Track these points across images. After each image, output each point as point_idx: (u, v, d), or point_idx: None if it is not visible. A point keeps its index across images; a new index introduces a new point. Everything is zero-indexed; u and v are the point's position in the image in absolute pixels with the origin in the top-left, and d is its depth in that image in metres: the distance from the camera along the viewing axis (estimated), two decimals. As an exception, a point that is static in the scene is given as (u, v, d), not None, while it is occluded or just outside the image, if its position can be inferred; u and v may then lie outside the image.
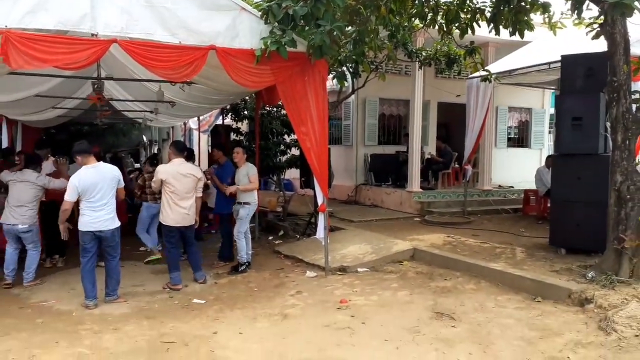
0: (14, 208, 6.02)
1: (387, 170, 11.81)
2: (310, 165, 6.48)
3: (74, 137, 15.57)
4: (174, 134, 18.04)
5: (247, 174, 6.66)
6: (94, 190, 5.14)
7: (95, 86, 7.80)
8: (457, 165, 11.78)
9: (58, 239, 6.93)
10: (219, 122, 13.71)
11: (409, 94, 10.95)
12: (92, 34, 5.07)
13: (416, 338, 4.31)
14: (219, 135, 12.77)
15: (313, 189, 8.97)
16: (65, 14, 4.90)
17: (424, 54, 9.59)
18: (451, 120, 13.60)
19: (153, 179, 6.06)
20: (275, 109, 10.60)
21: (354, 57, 7.55)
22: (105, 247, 5.30)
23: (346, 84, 8.14)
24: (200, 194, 6.13)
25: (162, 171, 5.92)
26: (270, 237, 9.02)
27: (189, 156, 7.10)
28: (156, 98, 8.35)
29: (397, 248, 7.28)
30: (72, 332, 4.47)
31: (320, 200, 6.56)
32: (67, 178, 6.46)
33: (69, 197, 5.14)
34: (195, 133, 15.55)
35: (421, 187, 10.73)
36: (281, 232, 9.32)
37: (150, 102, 10.17)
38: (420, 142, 10.94)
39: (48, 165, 7.51)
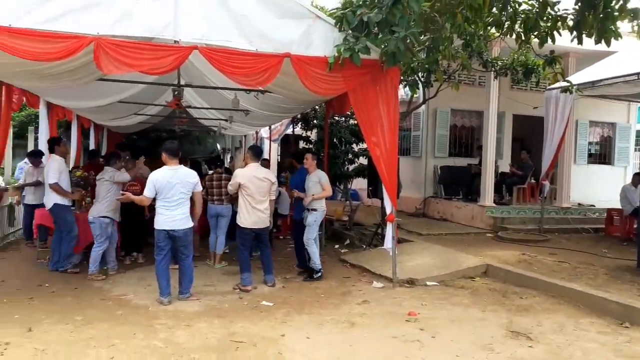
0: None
1: (458, 183, 11.49)
2: (379, 175, 6.41)
3: (153, 143, 16.41)
4: (246, 143, 18.61)
5: (319, 181, 6.68)
6: (169, 190, 5.37)
7: (176, 93, 8.20)
8: (533, 181, 11.24)
9: (136, 239, 7.38)
10: (289, 131, 14.00)
11: (482, 105, 10.64)
12: (175, 41, 5.32)
13: (490, 356, 4.12)
14: (289, 144, 13.01)
15: (381, 198, 8.93)
16: (150, 22, 5.19)
17: (499, 63, 9.28)
18: (527, 134, 13.04)
19: (230, 182, 6.23)
20: (344, 119, 10.64)
21: (426, 65, 7.44)
22: (179, 246, 5.50)
23: (418, 92, 8.02)
24: (274, 197, 6.25)
25: (240, 175, 6.09)
26: (336, 246, 9.01)
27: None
28: (231, 106, 8.64)
29: (469, 263, 7.03)
30: (148, 326, 4.65)
31: (388, 210, 6.46)
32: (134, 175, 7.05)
33: (147, 192, 5.43)
34: (267, 142, 15.92)
35: (494, 202, 10.33)
36: (347, 241, 9.29)
37: (226, 110, 10.55)
38: (495, 155, 10.56)
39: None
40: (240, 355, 4.02)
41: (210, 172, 7.69)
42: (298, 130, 11.79)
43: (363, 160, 10.33)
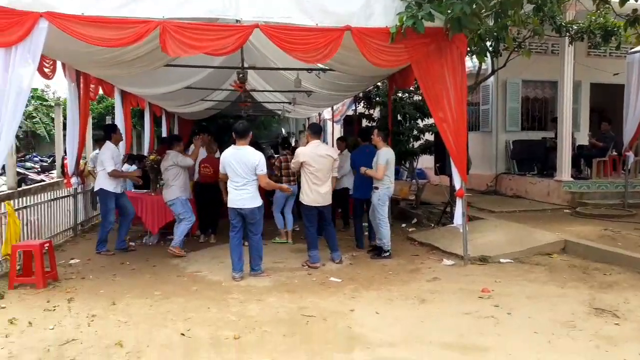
0: (164, 187, 6.94)
1: (532, 158, 10.93)
2: (447, 149, 6.20)
3: (222, 129, 16.85)
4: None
5: (377, 160, 6.55)
6: (232, 169, 5.50)
7: (240, 75, 8.34)
8: (614, 153, 10.47)
9: (212, 218, 7.64)
10: (350, 112, 13.89)
11: (556, 75, 9.97)
12: (237, 20, 5.37)
13: (571, 333, 3.89)
14: (351, 124, 12.89)
15: (449, 175, 8.67)
16: (212, 3, 5.25)
17: (575, 27, 8.64)
18: (606, 104, 12.15)
19: (293, 160, 6.28)
20: (407, 94, 10.38)
21: (495, 32, 7.04)
22: (247, 224, 5.62)
23: (486, 60, 7.62)
24: (336, 174, 6.22)
25: (301, 153, 6.10)
26: (403, 225, 8.87)
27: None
28: (294, 86, 8.67)
29: (545, 239, 6.68)
30: (221, 300, 4.80)
31: (458, 185, 6.26)
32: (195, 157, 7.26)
33: (220, 169, 5.68)
34: (329, 123, 15.91)
35: (572, 177, 9.74)
36: (414, 220, 9.12)
37: (289, 92, 10.63)
38: (571, 127, 9.92)
39: (202, 151, 8.16)
40: (310, 329, 4.05)
41: (283, 153, 7.91)
42: (360, 109, 11.64)
43: (429, 137, 10.04)
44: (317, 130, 6.38)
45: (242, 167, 5.49)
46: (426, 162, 11.91)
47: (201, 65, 8.12)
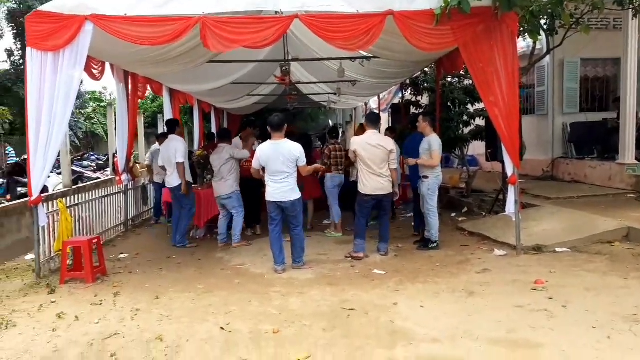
0: (217, 181, 6.89)
1: (592, 141, 10.25)
2: (499, 133, 5.88)
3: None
4: (356, 116, 18.51)
5: (429, 148, 6.32)
6: (272, 163, 5.43)
7: (283, 68, 8.30)
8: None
9: (256, 211, 7.67)
10: (397, 100, 13.57)
11: (618, 51, 9.27)
12: (276, 12, 5.29)
13: (634, 328, 3.57)
14: (399, 112, 12.58)
15: (501, 161, 8.28)
16: (252, -5, 5.19)
17: (639, -1, 7.97)
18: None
19: (350, 150, 6.18)
20: (457, 79, 9.99)
21: (549, 8, 6.59)
22: (288, 216, 5.57)
23: (540, 38, 7.17)
24: (394, 166, 6.04)
25: (354, 142, 6.03)
26: (453, 214, 8.57)
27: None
28: (337, 76, 8.52)
29: (606, 226, 6.23)
30: (263, 294, 4.77)
31: (510, 172, 5.93)
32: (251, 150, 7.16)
33: (254, 164, 5.65)
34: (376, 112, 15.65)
35: (637, 159, 9.06)
36: (465, 209, 8.80)
37: (333, 82, 10.49)
38: (635, 106, 9.22)
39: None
40: (352, 323, 3.93)
41: (332, 142, 7.83)
42: (408, 96, 11.33)
43: (480, 122, 9.62)
44: (373, 120, 6.24)
45: (283, 160, 5.42)
46: (477, 148, 11.44)
47: (245, 60, 8.13)
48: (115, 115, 8.86)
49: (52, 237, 5.81)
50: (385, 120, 16.01)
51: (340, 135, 18.20)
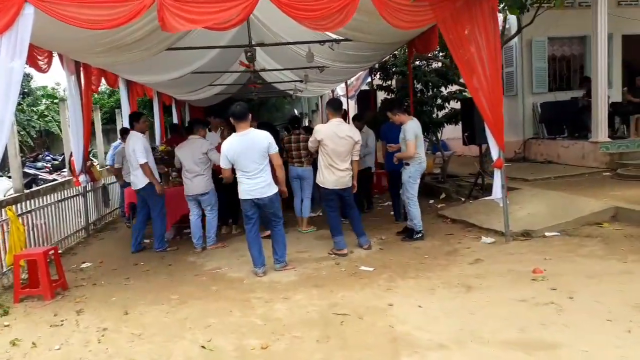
0: (191, 178, 6.30)
1: (562, 120, 10.21)
2: (482, 116, 5.62)
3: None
4: (322, 104, 18.13)
5: (405, 137, 6.01)
6: (242, 157, 4.95)
7: (248, 54, 7.77)
8: (653, 108, 9.70)
9: (231, 207, 7.18)
10: (365, 87, 13.23)
11: (585, 29, 9.19)
12: (241, -12, 4.80)
13: (651, 319, 3.35)
14: (367, 99, 12.23)
15: (479, 144, 8.08)
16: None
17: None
18: (636, 57, 11.30)
19: (310, 138, 5.73)
20: (425, 62, 9.70)
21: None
22: (267, 213, 5.15)
23: (518, 13, 6.92)
24: (357, 158, 5.66)
25: (319, 130, 5.58)
26: (431, 201, 8.33)
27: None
28: (306, 61, 8.07)
29: (592, 207, 6.08)
30: (244, 301, 4.35)
31: (495, 155, 5.69)
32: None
33: (222, 164, 5.10)
34: (343, 100, 15.27)
35: (609, 137, 9.03)
36: (442, 195, 8.57)
37: (300, 69, 10.04)
38: (606, 84, 9.18)
39: (215, 136, 7.66)
40: (346, 331, 3.57)
41: (296, 132, 7.20)
42: (376, 81, 11.00)
43: (455, 105, 9.38)
44: (337, 107, 5.77)
45: (253, 153, 4.94)
46: (449, 132, 11.26)
47: (206, 46, 7.58)
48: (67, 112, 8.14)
49: (2, 249, 5.21)
50: (352, 107, 15.70)
51: (307, 124, 17.80)
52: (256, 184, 4.97)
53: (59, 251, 6.45)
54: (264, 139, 5.00)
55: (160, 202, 6.39)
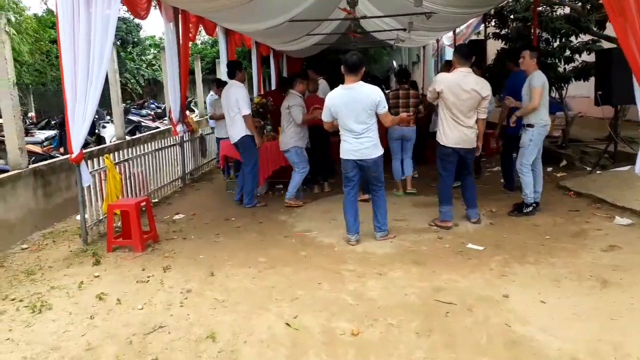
0: (282, 133, 6.19)
1: None
2: (632, 69, 4.56)
3: (332, 64, 15.82)
4: (425, 55, 16.92)
5: (529, 85, 5.15)
6: (348, 112, 4.43)
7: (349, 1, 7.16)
8: None
9: (322, 165, 6.82)
10: (474, 36, 11.96)
11: None
12: None
13: None
14: (478, 49, 11.03)
15: (614, 105, 6.90)
16: None
17: None
18: None
19: (429, 88, 5.01)
20: (550, 9, 8.34)
21: None
22: (369, 176, 4.66)
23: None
24: (483, 116, 4.87)
25: (441, 80, 4.82)
26: (549, 169, 7.32)
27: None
28: (414, 5, 7.25)
29: None
30: (334, 272, 3.96)
31: (643, 119, 4.66)
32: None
33: (323, 116, 4.65)
34: (449, 50, 14.06)
35: None
36: (563, 163, 7.52)
37: (404, 15, 9.18)
38: None
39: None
40: (452, 325, 3.03)
41: (405, 87, 6.40)
42: (491, 29, 9.79)
43: (586, 57, 8.03)
44: (466, 53, 4.88)
45: (360, 110, 4.39)
46: (571, 89, 9.87)
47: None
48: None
49: (100, 197, 5.25)
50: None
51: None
52: (362, 144, 4.46)
53: (155, 200, 6.53)
54: (373, 94, 4.43)
55: (254, 157, 6.12)
